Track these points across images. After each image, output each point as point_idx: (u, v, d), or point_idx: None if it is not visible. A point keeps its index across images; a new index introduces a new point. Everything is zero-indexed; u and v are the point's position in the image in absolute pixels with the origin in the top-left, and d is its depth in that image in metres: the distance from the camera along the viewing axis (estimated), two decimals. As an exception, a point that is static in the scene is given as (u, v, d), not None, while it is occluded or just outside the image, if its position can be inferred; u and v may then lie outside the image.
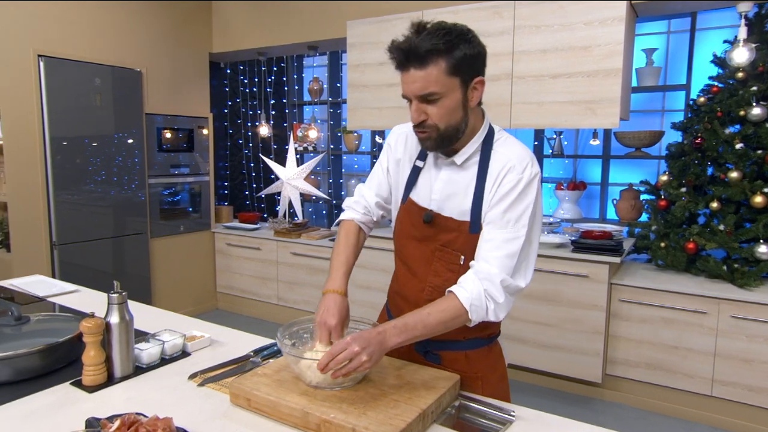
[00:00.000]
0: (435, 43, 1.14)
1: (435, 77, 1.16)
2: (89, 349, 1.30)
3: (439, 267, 1.33)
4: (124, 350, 1.35)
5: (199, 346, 1.55)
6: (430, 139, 1.25)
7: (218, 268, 4.65)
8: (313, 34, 3.97)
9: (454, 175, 1.32)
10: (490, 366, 1.38)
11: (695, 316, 2.73)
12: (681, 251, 2.98)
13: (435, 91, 1.17)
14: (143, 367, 1.40)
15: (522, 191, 1.24)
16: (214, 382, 1.33)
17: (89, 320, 1.29)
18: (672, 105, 3.91)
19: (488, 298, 1.21)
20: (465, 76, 1.19)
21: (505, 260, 1.22)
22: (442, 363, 1.36)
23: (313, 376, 1.18)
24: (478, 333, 1.35)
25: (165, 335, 1.52)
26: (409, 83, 1.20)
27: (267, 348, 1.52)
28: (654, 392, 2.91)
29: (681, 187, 3.05)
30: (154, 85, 4.07)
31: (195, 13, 4.37)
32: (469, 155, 1.30)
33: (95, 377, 1.30)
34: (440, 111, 1.20)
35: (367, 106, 3.66)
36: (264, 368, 1.30)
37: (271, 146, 5.01)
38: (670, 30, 3.86)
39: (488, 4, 3.11)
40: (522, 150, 1.29)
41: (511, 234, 1.23)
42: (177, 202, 4.34)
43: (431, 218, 1.33)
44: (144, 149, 4.00)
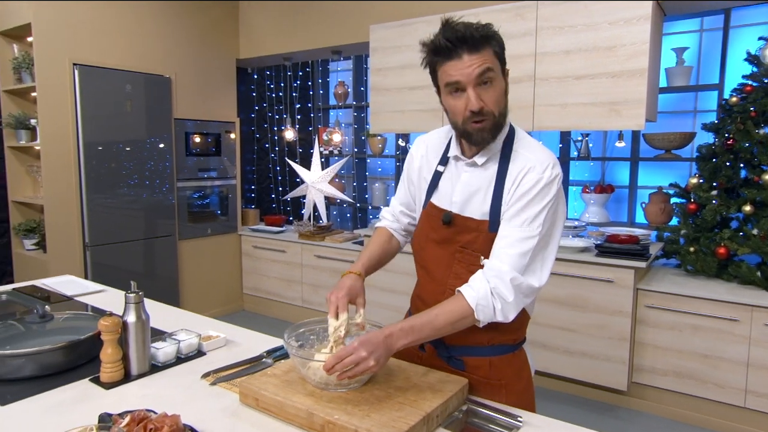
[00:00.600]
0: (486, 30, 1.19)
1: (490, 58, 1.20)
2: (107, 347, 1.34)
3: (460, 269, 1.32)
4: (140, 348, 1.38)
5: (214, 346, 1.58)
6: (486, 128, 1.24)
7: (244, 270, 4.72)
8: (336, 38, 4.01)
9: (474, 176, 1.32)
10: (514, 373, 1.35)
11: (727, 323, 2.63)
12: (712, 256, 2.88)
13: (492, 68, 1.19)
14: (159, 365, 1.44)
15: (540, 191, 1.23)
16: (226, 381, 1.35)
17: (106, 319, 1.33)
18: (705, 105, 3.78)
19: (495, 297, 1.20)
20: (503, 62, 1.25)
21: (517, 258, 1.21)
22: (466, 369, 1.34)
23: (318, 377, 1.19)
24: (502, 338, 1.33)
25: (181, 335, 1.55)
26: (463, 68, 1.18)
27: (279, 349, 1.54)
28: (683, 402, 2.82)
29: (712, 189, 2.95)
30: (183, 91, 4.18)
31: (222, 20, 4.47)
32: (489, 156, 1.30)
33: (112, 374, 1.34)
34: (494, 95, 1.22)
35: (389, 109, 3.67)
36: (273, 369, 1.32)
37: (296, 150, 5.07)
38: (703, 28, 3.75)
39: (510, 6, 3.08)
40: (543, 152, 1.28)
41: (525, 233, 1.22)
42: (205, 205, 4.44)
43: (450, 218, 1.33)
44: (173, 153, 4.11)
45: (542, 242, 1.23)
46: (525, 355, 1.41)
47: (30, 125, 3.62)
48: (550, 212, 1.24)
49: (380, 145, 4.61)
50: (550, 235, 1.25)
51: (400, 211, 1.54)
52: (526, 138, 1.32)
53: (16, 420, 1.17)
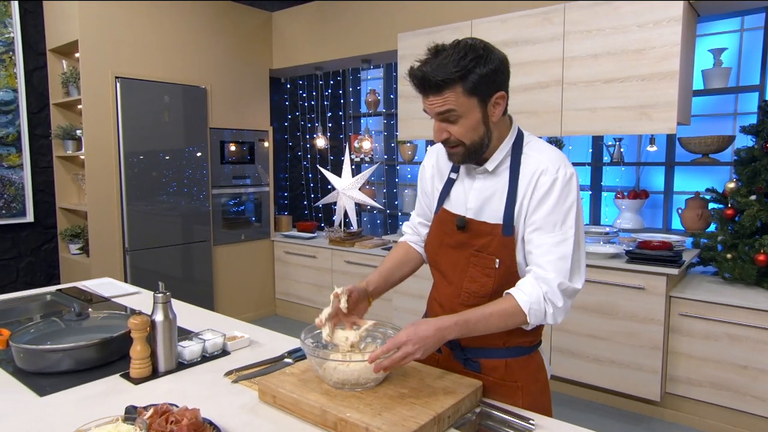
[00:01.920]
0: (448, 72, 1.16)
1: (453, 100, 1.19)
2: (136, 344, 1.41)
3: (475, 272, 1.34)
4: (167, 346, 1.45)
5: (238, 346, 1.64)
6: (458, 154, 1.29)
7: (277, 275, 4.82)
8: (366, 47, 4.07)
9: (487, 182, 1.34)
10: (530, 376, 1.35)
11: (767, 333, 2.53)
12: (751, 263, 2.78)
13: (453, 109, 1.20)
14: (185, 363, 1.50)
15: (561, 192, 1.24)
16: (247, 379, 1.40)
17: (136, 317, 1.40)
18: (745, 108, 3.66)
19: (547, 302, 1.22)
20: (483, 95, 1.21)
21: (559, 263, 1.22)
22: (482, 371, 1.36)
23: (335, 377, 1.22)
24: (519, 340, 1.34)
25: (207, 334, 1.62)
26: (428, 105, 1.25)
27: (300, 349, 1.58)
28: (720, 414, 2.72)
29: (750, 194, 2.85)
30: (218, 101, 4.33)
31: (256, 32, 4.61)
32: (500, 161, 1.32)
33: (141, 370, 1.41)
34: (461, 129, 1.24)
35: (417, 116, 3.70)
36: (292, 368, 1.36)
37: (328, 157, 5.16)
38: (743, 28, 3.63)
39: (537, 11, 3.07)
40: (552, 152, 1.29)
41: (559, 236, 1.23)
42: (239, 211, 4.57)
43: (464, 223, 1.34)
44: (209, 161, 4.25)
45: (574, 244, 1.24)
46: (541, 358, 1.41)
47: (76, 136, 3.82)
48: (576, 211, 1.25)
49: (410, 152, 4.64)
50: (578, 234, 1.25)
51: (418, 222, 1.58)
52: (534, 140, 1.33)
53: (53, 409, 1.25)
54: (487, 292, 1.31)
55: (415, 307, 3.72)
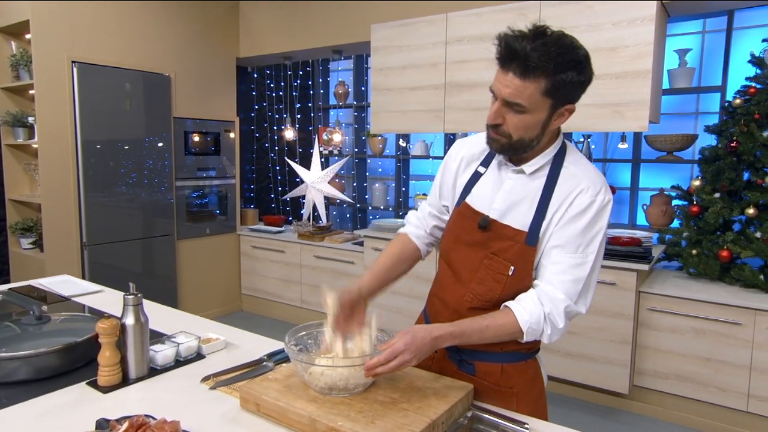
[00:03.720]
0: (546, 61, 1.08)
1: (529, 92, 1.12)
2: (104, 350, 1.31)
3: (485, 275, 1.28)
4: (138, 351, 1.36)
5: (214, 349, 1.55)
6: (499, 142, 1.22)
7: (243, 270, 4.69)
8: (337, 38, 3.98)
9: (520, 185, 1.27)
10: (527, 382, 1.32)
11: (729, 327, 2.61)
12: (714, 259, 2.86)
13: (522, 104, 1.13)
14: (158, 368, 1.41)
15: (594, 216, 1.20)
16: (226, 385, 1.33)
17: (104, 321, 1.30)
18: (706, 107, 3.77)
19: (547, 322, 1.19)
20: (558, 100, 1.15)
21: (571, 285, 1.19)
22: (477, 374, 1.32)
23: (322, 383, 1.16)
24: (516, 346, 1.30)
25: (180, 337, 1.53)
26: (502, 85, 1.14)
27: (280, 352, 1.51)
28: (685, 405, 2.80)
29: (714, 192, 2.94)
30: (183, 90, 4.15)
31: (222, 18, 4.44)
32: (539, 166, 1.26)
33: (110, 378, 1.32)
34: (518, 123, 1.17)
35: (390, 109, 3.65)
36: (275, 373, 1.29)
37: (296, 150, 5.05)
38: (705, 29, 3.73)
39: (513, 5, 3.06)
40: (595, 173, 1.24)
41: (580, 259, 1.20)
42: (203, 204, 4.41)
43: (487, 223, 1.28)
44: (172, 152, 4.08)
45: (591, 268, 1.22)
46: (538, 365, 1.38)
47: (27, 123, 3.59)
48: (601, 238, 1.21)
49: (381, 145, 4.58)
50: (596, 260, 1.23)
51: (428, 212, 1.48)
52: (577, 155, 1.28)
53: (12, 425, 1.14)
54: (494, 298, 1.26)
55: (387, 303, 3.69)
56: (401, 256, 1.47)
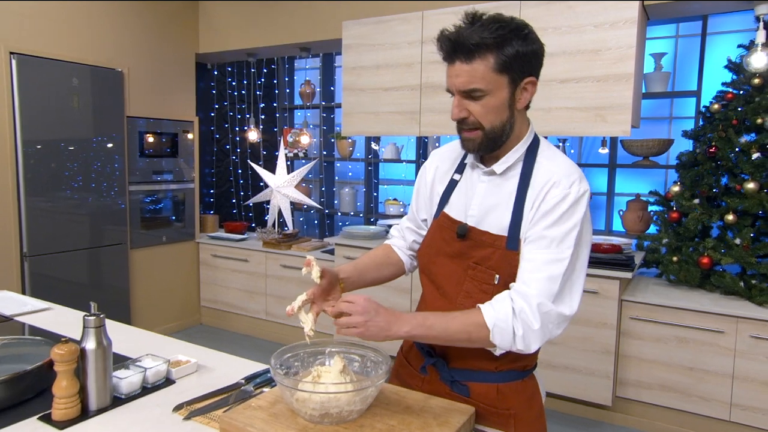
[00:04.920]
0: (485, 36, 1.10)
1: (481, 73, 1.13)
2: (61, 379, 1.20)
3: (471, 287, 1.25)
4: (101, 379, 1.25)
5: (184, 373, 1.46)
6: (473, 140, 1.21)
7: (203, 280, 4.54)
8: (305, 34, 3.91)
9: (493, 187, 1.26)
10: (524, 402, 1.28)
11: (712, 335, 2.67)
12: (694, 266, 2.93)
13: (479, 88, 1.14)
14: (122, 397, 1.31)
15: (568, 209, 1.16)
16: (202, 414, 1.24)
17: (62, 346, 1.19)
18: (680, 112, 3.89)
19: (518, 320, 1.13)
20: (515, 74, 1.15)
21: (545, 283, 1.14)
22: (471, 396, 1.27)
23: (311, 409, 1.10)
24: (511, 365, 1.26)
25: (147, 361, 1.42)
26: (453, 77, 1.17)
27: (260, 375, 1.43)
28: (667, 416, 2.85)
29: (694, 198, 3.01)
30: (137, 87, 3.98)
31: (180, 11, 4.29)
32: (510, 164, 1.24)
33: (67, 411, 1.21)
34: (483, 109, 1.17)
35: (363, 110, 3.60)
36: (258, 399, 1.21)
37: (260, 152, 4.93)
38: (679, 34, 3.85)
39: (492, 5, 3.06)
40: (569, 164, 1.22)
41: (553, 255, 1.15)
42: (159, 210, 4.24)
43: (466, 231, 1.26)
44: (125, 154, 3.90)
45: (570, 266, 1.16)
46: (536, 382, 1.34)
47: (-40, 121, 3.35)
48: (579, 232, 1.17)
49: (350, 148, 4.53)
50: (577, 257, 1.18)
51: (407, 227, 1.50)
52: (550, 149, 1.26)
53: (-48, 470, 1.03)
54: None
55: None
56: (385, 261, 1.49)
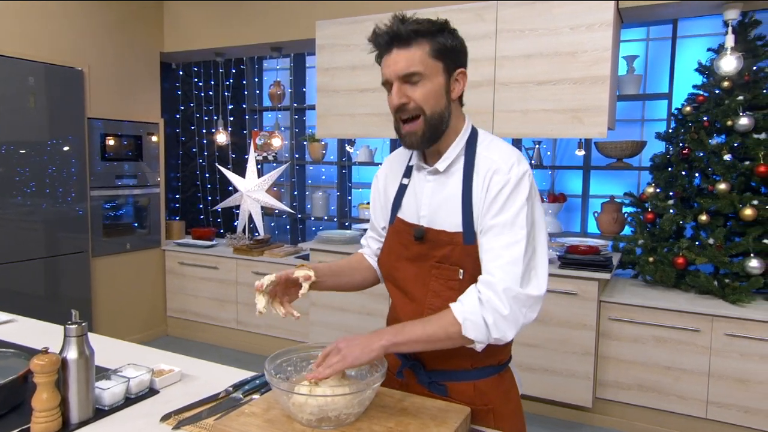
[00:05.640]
0: (420, 26, 1.21)
1: (419, 57, 1.21)
2: (41, 392, 1.17)
3: (437, 286, 1.29)
4: (83, 391, 1.23)
5: (168, 382, 1.44)
6: (415, 132, 1.26)
7: (169, 289, 4.45)
8: (277, 34, 3.90)
9: (438, 186, 1.32)
10: (502, 396, 1.33)
11: (688, 334, 2.78)
12: (670, 266, 3.05)
13: (418, 71, 1.21)
14: (105, 409, 1.29)
15: (512, 192, 1.21)
16: (192, 423, 1.23)
17: (42, 357, 1.17)
18: (651, 114, 4.04)
19: (487, 309, 1.16)
20: (448, 63, 1.25)
21: (508, 267, 1.18)
22: (449, 395, 1.31)
23: (308, 413, 1.11)
24: (486, 361, 1.31)
25: (129, 371, 1.40)
26: (391, 65, 1.24)
27: (248, 382, 1.43)
28: (646, 416, 2.95)
29: (668, 199, 3.13)
30: (99, 87, 3.90)
31: (143, 8, 4.22)
32: (452, 160, 1.30)
33: (48, 425, 1.18)
34: (422, 94, 1.23)
35: (337, 112, 3.61)
36: (251, 406, 1.21)
37: (229, 155, 4.88)
38: (650, 37, 4.01)
39: (469, 6, 3.13)
40: (507, 149, 1.28)
41: (508, 239, 1.20)
42: (123, 216, 4.15)
43: (423, 233, 1.31)
44: (86, 158, 3.80)
45: (529, 246, 1.21)
46: (511, 375, 1.40)
47: None
48: (528, 211, 1.22)
49: (323, 150, 4.53)
50: (533, 236, 1.23)
51: (370, 236, 1.57)
52: (488, 138, 1.33)
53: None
54: None
55: (335, 321, 3.62)
56: (358, 266, 1.55)
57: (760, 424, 2.68)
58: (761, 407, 2.66)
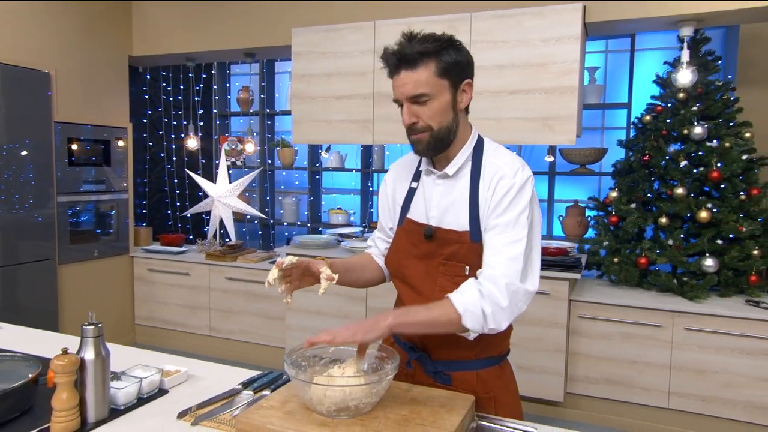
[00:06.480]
0: (426, 46, 1.29)
1: (425, 78, 1.30)
2: (61, 391, 1.20)
3: (444, 281, 1.39)
4: (99, 391, 1.26)
5: (176, 382, 1.48)
6: (423, 142, 1.36)
7: (137, 297, 4.39)
8: (252, 40, 3.92)
9: (448, 188, 1.42)
10: (502, 385, 1.43)
11: (652, 329, 2.97)
12: (633, 266, 3.24)
13: (425, 92, 1.31)
14: (120, 408, 1.32)
15: (516, 195, 1.33)
16: (209, 419, 1.28)
17: (62, 357, 1.20)
18: (611, 123, 4.28)
19: (486, 301, 1.25)
20: (454, 78, 1.33)
21: (509, 263, 1.28)
22: (453, 384, 1.40)
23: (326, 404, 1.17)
24: (489, 352, 1.42)
25: (138, 371, 1.44)
26: (399, 86, 1.33)
27: (257, 379, 1.48)
28: (614, 408, 3.12)
29: (630, 203, 3.33)
30: (66, 90, 3.83)
31: (111, 10, 4.17)
32: (460, 165, 1.41)
33: (68, 424, 1.21)
34: (430, 111, 1.32)
35: (313, 118, 3.67)
36: (268, 400, 1.27)
37: (198, 161, 4.85)
38: (609, 49, 4.26)
39: (444, 17, 3.26)
40: (511, 157, 1.40)
41: (511, 237, 1.31)
42: (90, 223, 4.07)
43: (432, 232, 1.41)
44: (52, 163, 3.72)
45: (528, 245, 1.32)
46: (510, 367, 1.51)
47: None
48: (530, 214, 1.34)
49: (296, 156, 4.58)
50: (532, 237, 1.35)
51: (378, 237, 1.64)
52: (493, 146, 1.44)
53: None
54: None
55: (312, 325, 3.67)
56: (368, 265, 1.64)
57: (716, 411, 2.89)
58: (717, 395, 2.87)
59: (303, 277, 1.40)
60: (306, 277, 1.41)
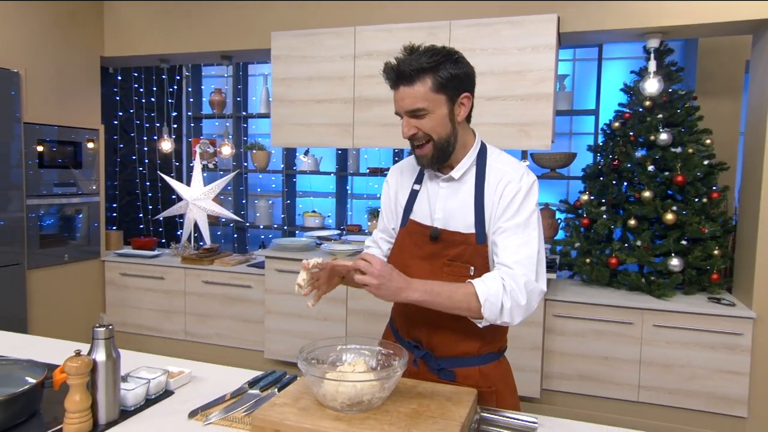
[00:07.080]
0: (422, 62, 1.34)
1: (422, 94, 1.35)
2: (74, 393, 1.21)
3: (450, 282, 1.42)
4: (110, 392, 1.27)
5: (181, 383, 1.50)
6: (428, 156, 1.42)
7: (109, 302, 4.29)
8: (229, 42, 3.91)
9: (452, 192, 1.48)
10: (502, 379, 1.51)
11: (623, 327, 3.11)
12: (604, 266, 3.39)
13: (422, 107, 1.37)
14: (129, 409, 1.33)
15: (524, 199, 1.41)
16: (221, 417, 1.30)
17: (74, 359, 1.21)
18: (578, 128, 4.45)
19: (507, 296, 1.32)
20: (451, 92, 1.38)
21: (526, 262, 1.36)
22: (456, 380, 1.46)
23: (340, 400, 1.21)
24: (490, 347, 1.49)
25: (143, 372, 1.45)
26: (398, 100, 1.40)
27: (262, 379, 1.51)
28: (587, 403, 3.25)
29: (601, 205, 3.48)
30: (36, 91, 3.73)
31: (82, 9, 4.08)
32: (465, 169, 1.47)
33: (80, 425, 1.22)
34: (428, 124, 1.39)
35: (293, 122, 3.69)
36: (280, 398, 1.30)
37: (172, 163, 4.79)
38: (576, 58, 4.43)
39: (424, 25, 3.33)
40: (515, 163, 1.48)
41: (524, 238, 1.38)
42: (60, 226, 3.97)
43: (438, 234, 1.46)
44: (22, 164, 3.62)
45: (538, 246, 1.41)
46: (508, 362, 1.59)
47: None
48: (537, 216, 1.43)
49: (273, 159, 4.58)
50: (539, 237, 1.43)
51: (380, 237, 1.68)
52: (496, 151, 1.52)
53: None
54: None
55: (292, 328, 3.68)
56: None
57: (682, 402, 3.04)
58: (683, 387, 3.03)
59: (330, 279, 1.42)
60: (333, 279, 1.43)
